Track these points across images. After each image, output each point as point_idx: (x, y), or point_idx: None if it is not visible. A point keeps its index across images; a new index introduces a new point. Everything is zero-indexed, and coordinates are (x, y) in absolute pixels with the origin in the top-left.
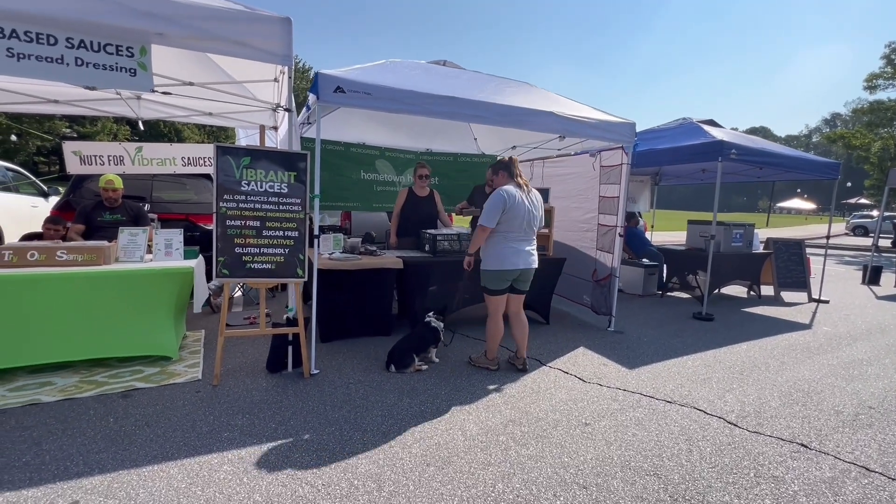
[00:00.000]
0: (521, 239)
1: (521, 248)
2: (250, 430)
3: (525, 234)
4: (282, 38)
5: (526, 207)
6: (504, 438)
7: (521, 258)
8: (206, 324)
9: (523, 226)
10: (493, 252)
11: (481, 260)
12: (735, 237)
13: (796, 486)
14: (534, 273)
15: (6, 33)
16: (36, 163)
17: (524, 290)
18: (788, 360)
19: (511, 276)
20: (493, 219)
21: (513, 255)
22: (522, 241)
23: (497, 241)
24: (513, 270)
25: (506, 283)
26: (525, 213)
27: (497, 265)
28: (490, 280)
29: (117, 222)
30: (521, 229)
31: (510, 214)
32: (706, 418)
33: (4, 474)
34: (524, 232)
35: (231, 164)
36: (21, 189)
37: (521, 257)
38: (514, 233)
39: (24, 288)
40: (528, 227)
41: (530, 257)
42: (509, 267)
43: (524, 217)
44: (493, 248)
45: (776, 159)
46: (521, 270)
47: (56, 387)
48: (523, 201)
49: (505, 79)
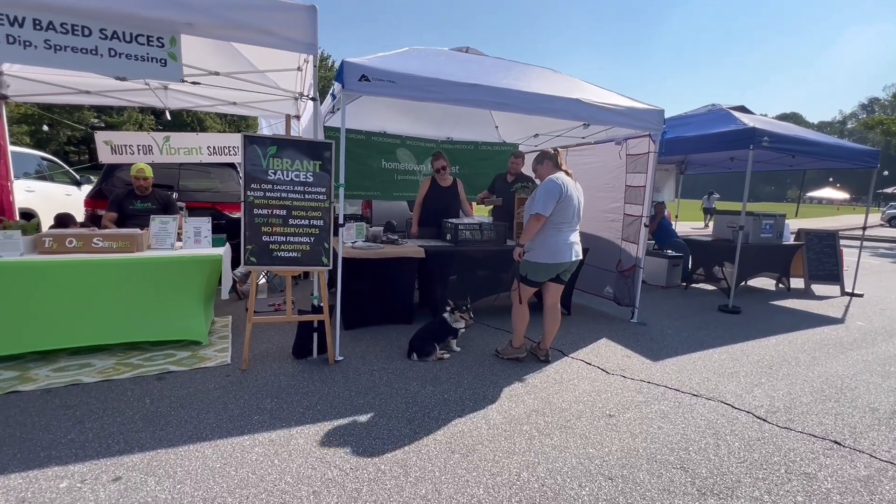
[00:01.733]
0: (572, 230)
1: (572, 240)
2: (279, 414)
3: (574, 224)
4: (307, 27)
5: (576, 197)
6: (528, 428)
7: (572, 251)
8: (232, 310)
9: (574, 216)
10: (545, 244)
11: (526, 250)
12: (765, 228)
13: (829, 484)
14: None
15: (44, 25)
16: (67, 152)
17: (566, 280)
18: (820, 355)
19: (560, 270)
20: (549, 206)
21: (565, 247)
22: (574, 231)
23: (550, 233)
24: (563, 263)
25: (551, 276)
26: (576, 203)
27: (549, 258)
28: (535, 271)
29: (148, 210)
30: (572, 220)
31: (564, 204)
32: (734, 413)
33: (52, 450)
34: (574, 223)
35: (258, 154)
36: (56, 178)
37: (573, 250)
38: (567, 224)
39: (64, 273)
40: (576, 218)
41: (578, 249)
42: (561, 260)
43: (575, 207)
44: (545, 240)
45: (811, 147)
46: (572, 263)
47: (95, 368)
48: (573, 191)
49: (528, 65)
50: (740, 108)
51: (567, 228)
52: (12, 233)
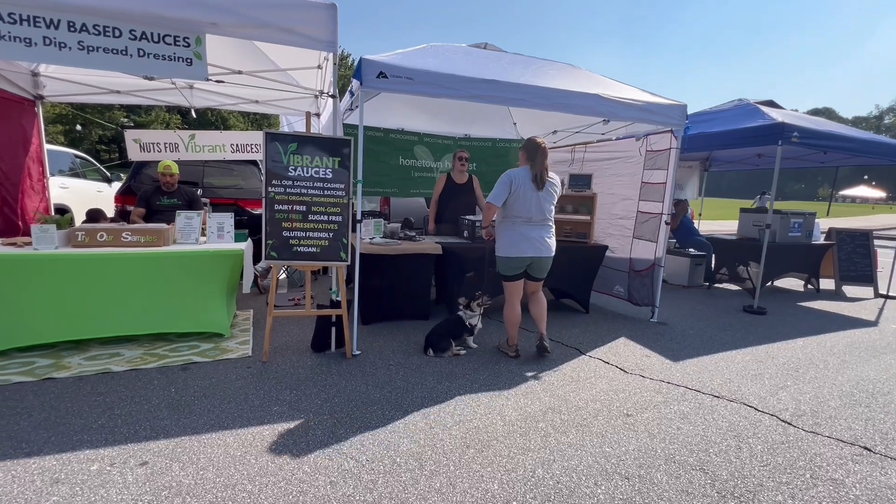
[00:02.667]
0: (530, 225)
1: (530, 235)
2: (298, 405)
3: (534, 220)
4: (327, 25)
5: (535, 193)
6: (543, 425)
7: (530, 245)
8: (253, 304)
9: (533, 212)
10: (503, 238)
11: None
12: (793, 227)
13: (857, 491)
14: (551, 261)
15: (77, 27)
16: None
17: (540, 277)
18: (850, 359)
19: (522, 264)
20: (497, 197)
21: (521, 241)
22: (532, 226)
23: (506, 227)
24: (522, 258)
25: (518, 270)
26: (532, 199)
27: (505, 252)
28: (502, 266)
29: (174, 206)
30: (530, 215)
31: (514, 198)
32: (757, 415)
33: (84, 434)
34: (534, 219)
35: (279, 150)
36: (88, 175)
37: (531, 244)
38: (522, 218)
39: (96, 266)
40: (537, 214)
41: (542, 245)
42: (516, 254)
43: (531, 202)
44: (503, 234)
45: (844, 143)
46: (532, 258)
47: (124, 357)
48: (532, 187)
49: (547, 60)
50: (769, 103)
51: (522, 223)
52: (48, 227)
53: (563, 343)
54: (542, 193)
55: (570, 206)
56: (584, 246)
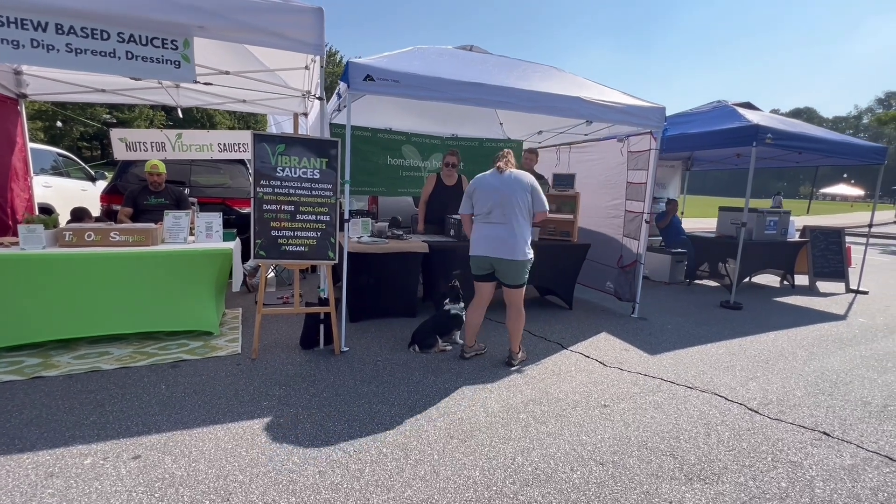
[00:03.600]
0: (489, 224)
1: (489, 234)
2: (287, 401)
3: (493, 218)
4: (314, 28)
5: (496, 192)
6: (524, 416)
7: (487, 244)
8: (241, 302)
9: (493, 211)
10: (471, 237)
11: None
12: (769, 224)
13: (814, 472)
14: (517, 266)
15: (65, 29)
16: (80, 148)
17: (508, 283)
18: (818, 351)
19: (482, 263)
20: (463, 207)
21: (480, 240)
22: (492, 226)
23: (473, 227)
24: (480, 257)
25: (481, 271)
26: (492, 198)
27: (471, 250)
28: (471, 265)
29: (161, 206)
30: (489, 215)
31: (475, 198)
32: (727, 404)
33: (76, 430)
34: (493, 217)
35: (267, 151)
36: (72, 174)
37: (488, 243)
38: (482, 218)
39: (84, 266)
40: (496, 213)
41: (500, 246)
42: (476, 253)
43: (490, 201)
44: (472, 234)
45: (816, 144)
46: (490, 259)
47: (113, 356)
48: (493, 186)
49: (532, 63)
50: (746, 105)
51: (482, 222)
52: (35, 227)
53: (546, 338)
54: (505, 191)
55: (554, 205)
56: (567, 244)
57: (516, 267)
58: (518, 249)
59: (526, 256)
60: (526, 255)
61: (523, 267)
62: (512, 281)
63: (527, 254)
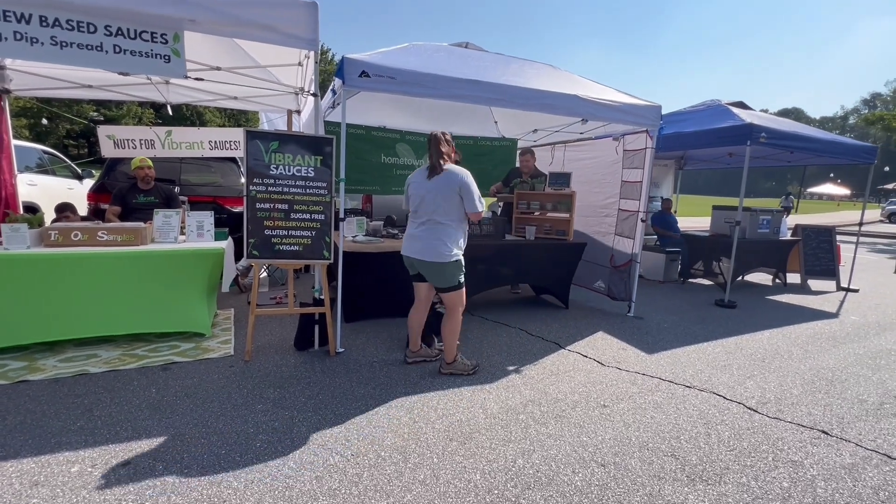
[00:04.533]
0: (414, 223)
1: (410, 234)
2: (282, 403)
3: (417, 218)
4: (308, 23)
5: (424, 190)
6: (524, 417)
7: (408, 244)
8: (234, 303)
9: (416, 208)
10: None
11: None
12: (762, 223)
13: (815, 471)
14: (435, 269)
15: (50, 22)
16: (66, 145)
17: (435, 286)
18: (812, 349)
19: (408, 263)
20: (405, 202)
21: (405, 239)
22: (416, 225)
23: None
24: (404, 257)
25: (411, 270)
26: (419, 195)
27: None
28: None
29: (151, 204)
30: (416, 212)
31: (409, 195)
32: (725, 403)
33: (62, 437)
34: (416, 216)
35: (260, 149)
36: (58, 172)
37: (409, 243)
38: (412, 215)
39: (70, 266)
40: (421, 211)
41: (417, 247)
42: (402, 252)
43: (420, 199)
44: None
45: (808, 143)
46: (411, 259)
47: (101, 359)
48: (422, 183)
49: (527, 60)
50: (739, 104)
51: (412, 220)
52: (19, 226)
53: (543, 338)
54: (431, 190)
55: (550, 204)
56: (563, 243)
57: (435, 269)
58: (434, 251)
59: (445, 258)
60: (445, 258)
61: (442, 269)
62: (437, 283)
63: (448, 256)
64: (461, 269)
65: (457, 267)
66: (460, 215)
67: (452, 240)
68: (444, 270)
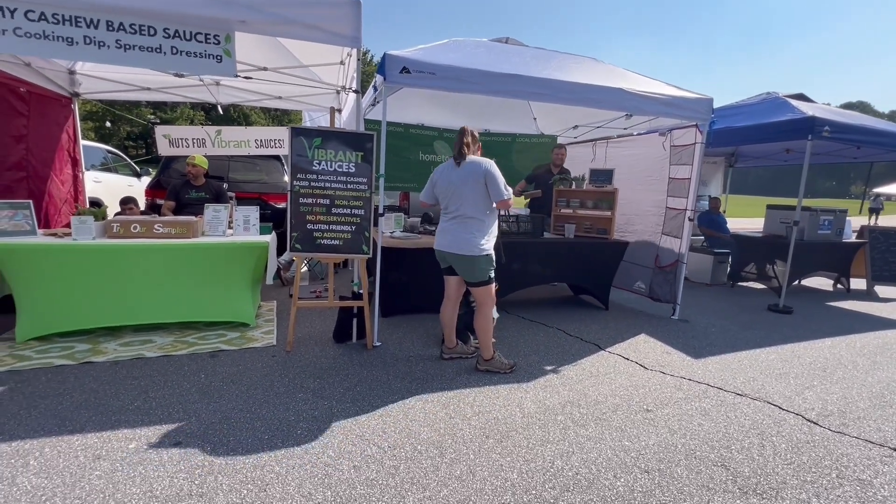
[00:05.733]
0: (445, 217)
1: (443, 228)
2: (321, 393)
3: (448, 212)
4: (351, 21)
5: (450, 184)
6: (562, 418)
7: (440, 238)
8: (276, 295)
9: (447, 203)
10: None
11: None
12: (823, 224)
13: (886, 492)
14: (466, 262)
15: (115, 26)
16: (126, 146)
17: (465, 280)
18: (882, 360)
19: (440, 257)
20: (425, 193)
21: (437, 233)
22: (447, 220)
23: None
24: (437, 251)
25: (443, 264)
26: (447, 190)
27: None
28: None
29: (201, 199)
30: (447, 207)
31: (437, 191)
32: (781, 414)
33: (122, 415)
34: (449, 210)
35: (304, 145)
36: (119, 170)
37: (442, 237)
38: (442, 210)
39: (130, 256)
40: (452, 205)
41: (449, 240)
42: (435, 246)
43: (447, 194)
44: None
45: (879, 137)
46: (443, 254)
47: (156, 344)
48: (449, 177)
49: (569, 54)
50: (798, 97)
51: (443, 215)
52: (86, 218)
53: (581, 339)
54: (457, 183)
55: (591, 202)
56: (604, 242)
57: (466, 263)
58: (465, 244)
59: (476, 252)
60: (476, 251)
61: (474, 263)
62: (467, 277)
63: (479, 249)
64: (492, 263)
65: (487, 261)
66: (488, 206)
67: (482, 233)
68: (475, 264)
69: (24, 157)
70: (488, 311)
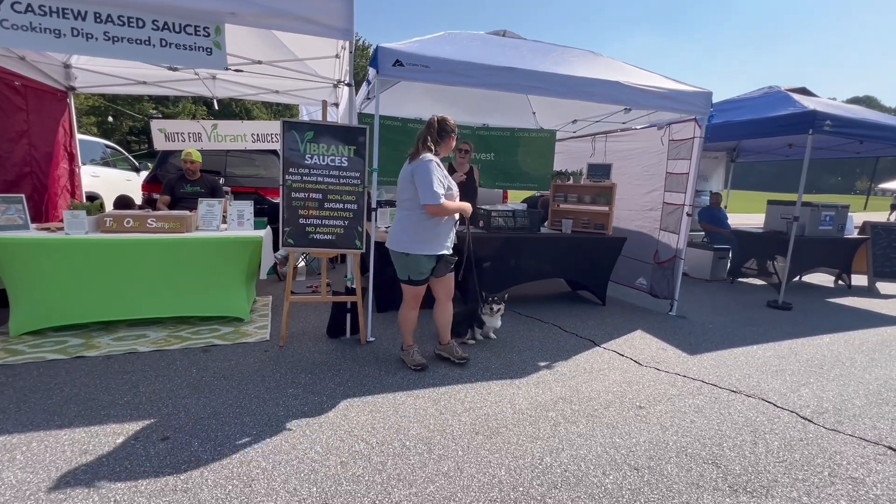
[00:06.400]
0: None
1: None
2: (312, 388)
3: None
4: (343, 13)
5: (399, 178)
6: (553, 415)
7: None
8: (272, 290)
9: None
10: None
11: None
12: (824, 220)
13: (878, 490)
14: (394, 256)
15: (103, 18)
16: (129, 141)
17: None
18: (880, 357)
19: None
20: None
21: None
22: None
23: None
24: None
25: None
26: (400, 184)
27: None
28: None
29: (197, 194)
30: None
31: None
32: (776, 411)
33: (111, 409)
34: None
35: (296, 139)
36: (117, 164)
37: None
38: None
39: (123, 251)
40: (398, 200)
41: (390, 235)
42: None
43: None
44: None
45: (881, 132)
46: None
47: (149, 339)
48: (402, 172)
49: (567, 47)
50: (801, 91)
51: None
52: (79, 213)
53: (577, 334)
54: (400, 178)
55: (589, 197)
56: (601, 237)
57: (394, 257)
58: (393, 240)
59: (400, 249)
60: (399, 248)
61: (397, 259)
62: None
63: (403, 247)
64: (417, 268)
65: (408, 260)
66: (416, 205)
67: (408, 230)
68: (397, 260)
69: (28, 152)
70: (406, 311)
